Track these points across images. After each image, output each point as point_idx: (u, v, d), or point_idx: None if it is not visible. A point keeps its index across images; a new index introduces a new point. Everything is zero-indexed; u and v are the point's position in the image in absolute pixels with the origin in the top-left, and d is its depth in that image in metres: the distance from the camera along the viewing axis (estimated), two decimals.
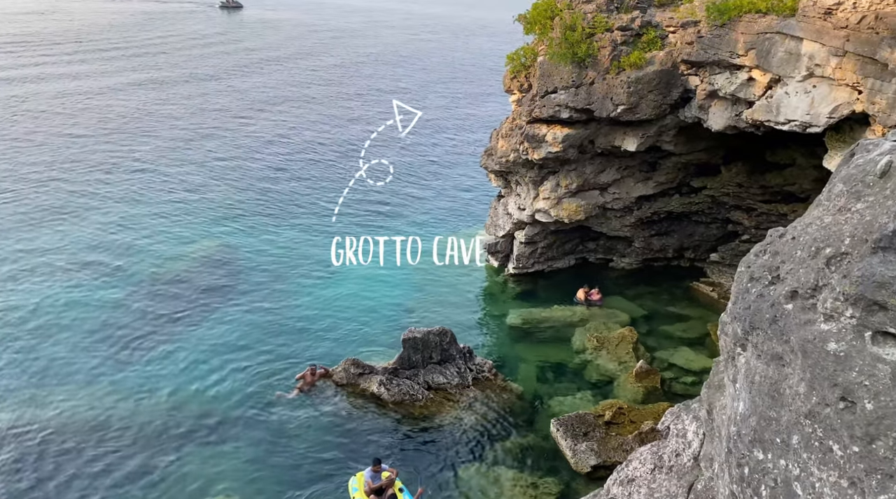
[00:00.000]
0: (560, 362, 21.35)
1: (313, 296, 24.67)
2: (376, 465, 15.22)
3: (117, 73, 58.36)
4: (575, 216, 24.75)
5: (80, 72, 57.72)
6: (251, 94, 53.82)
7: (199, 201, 32.39)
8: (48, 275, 24.70)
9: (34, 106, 46.45)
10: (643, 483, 6.56)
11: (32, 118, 43.76)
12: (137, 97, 50.70)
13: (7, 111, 44.87)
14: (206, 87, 55.62)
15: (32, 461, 16.02)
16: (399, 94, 55.84)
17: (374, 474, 15.15)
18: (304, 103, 52.37)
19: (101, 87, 53.19)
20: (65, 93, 50.53)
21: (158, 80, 56.28)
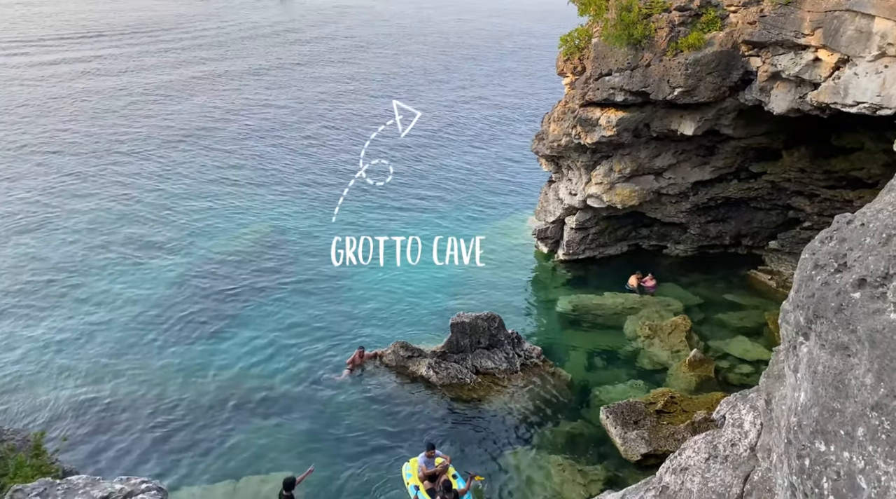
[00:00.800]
0: (611, 350, 21.09)
1: (363, 279, 24.99)
2: (430, 450, 15.28)
3: (170, 61, 59.96)
4: (628, 202, 24.29)
5: (140, 62, 59.50)
6: (302, 86, 54.51)
7: (253, 185, 33.11)
8: (108, 253, 25.70)
9: (94, 86, 48.19)
10: (697, 472, 6.44)
11: (93, 102, 45.41)
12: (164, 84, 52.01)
13: (70, 95, 46.67)
14: (257, 78, 56.58)
15: (94, 430, 16.80)
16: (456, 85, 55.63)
17: (429, 460, 15.21)
18: (381, 85, 52.76)
19: (155, 73, 54.76)
20: (124, 78, 52.23)
21: (203, 72, 57.57)
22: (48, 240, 26.71)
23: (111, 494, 4.97)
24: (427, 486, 14.93)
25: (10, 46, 61.80)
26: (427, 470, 15.09)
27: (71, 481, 5.16)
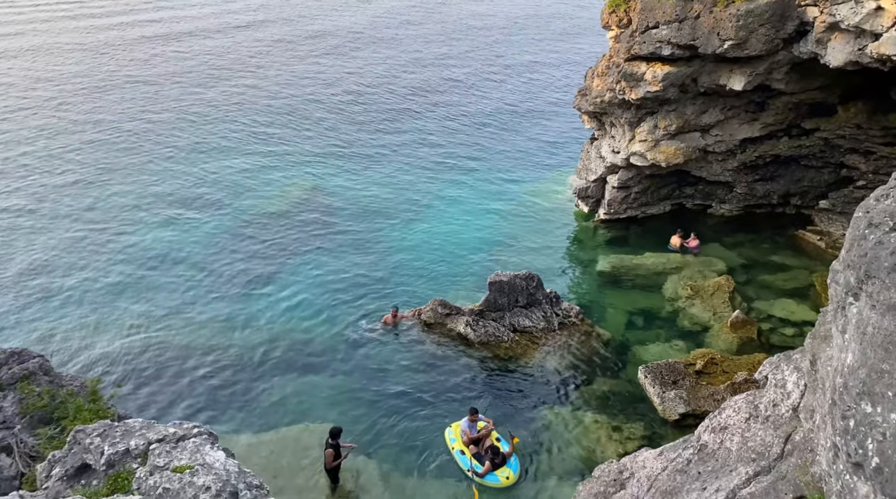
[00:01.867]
0: (650, 310, 20.92)
1: (403, 237, 25.16)
2: (473, 415, 15.37)
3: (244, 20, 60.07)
4: (673, 160, 23.71)
5: (200, 24, 59.77)
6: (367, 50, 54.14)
7: (296, 143, 33.35)
8: (157, 211, 26.37)
9: (156, 49, 48.76)
10: (736, 432, 6.42)
11: (155, 65, 45.99)
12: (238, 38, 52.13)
13: (128, 57, 47.33)
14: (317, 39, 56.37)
15: (144, 379, 17.54)
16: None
17: (471, 424, 15.31)
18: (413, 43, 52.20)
19: (219, 32, 55.00)
20: (183, 40, 52.65)
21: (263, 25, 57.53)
22: (99, 196, 27.49)
23: (165, 436, 5.22)
24: (472, 451, 15.02)
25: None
26: (471, 435, 15.17)
27: (128, 423, 5.43)
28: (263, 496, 4.89)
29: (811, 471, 5.43)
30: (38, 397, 11.95)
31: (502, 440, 15.47)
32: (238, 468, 5.07)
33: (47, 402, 11.90)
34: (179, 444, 5.22)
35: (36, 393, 12.04)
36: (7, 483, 10.74)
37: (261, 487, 4.99)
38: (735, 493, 5.99)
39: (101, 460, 5.10)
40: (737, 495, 5.93)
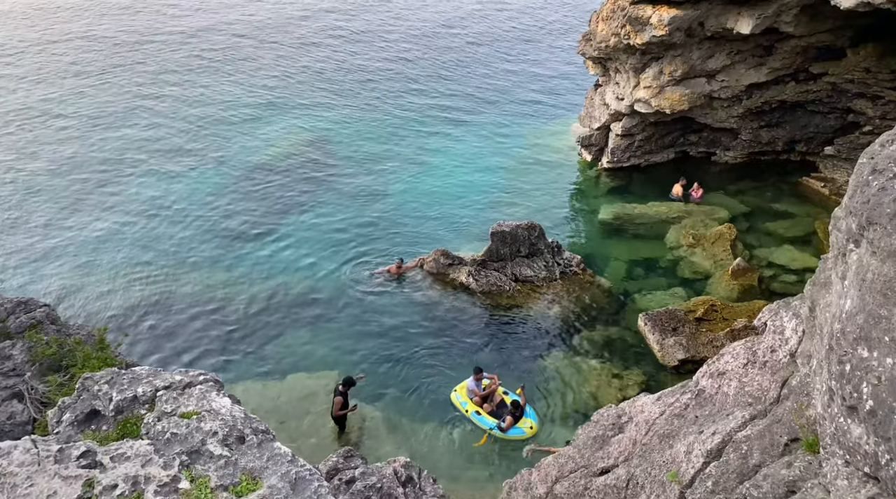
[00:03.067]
0: (652, 259, 20.97)
1: (405, 187, 25.04)
2: (478, 373, 15.34)
3: None
4: (678, 106, 23.36)
5: None
6: None
7: (296, 91, 32.86)
8: (157, 163, 26.20)
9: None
10: (734, 377, 6.52)
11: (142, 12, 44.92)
12: None
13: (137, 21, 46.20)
14: None
15: (150, 328, 17.76)
16: None
17: (477, 382, 15.36)
18: None
19: None
20: None
21: None
22: (100, 147, 27.26)
23: (172, 384, 5.31)
24: (487, 409, 15.09)
25: None
26: (479, 392, 15.22)
27: (135, 371, 5.52)
28: (269, 441, 5.00)
29: (806, 414, 5.54)
30: (46, 346, 12.13)
31: (510, 393, 15.59)
32: (244, 414, 5.18)
33: (55, 350, 12.08)
34: (186, 391, 5.32)
35: (44, 342, 12.22)
36: (20, 428, 11.01)
37: (266, 432, 5.11)
38: (731, 436, 6.12)
39: (109, 406, 5.21)
40: (732, 438, 6.07)
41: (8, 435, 10.83)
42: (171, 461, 4.57)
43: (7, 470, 4.28)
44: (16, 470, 4.29)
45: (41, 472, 4.34)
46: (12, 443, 4.56)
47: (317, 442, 14.47)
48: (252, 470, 4.66)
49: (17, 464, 4.33)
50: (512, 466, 13.73)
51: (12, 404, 11.44)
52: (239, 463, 4.70)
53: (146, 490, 4.37)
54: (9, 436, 10.71)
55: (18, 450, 4.46)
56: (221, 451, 4.73)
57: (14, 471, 4.29)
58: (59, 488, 4.27)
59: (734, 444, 6.01)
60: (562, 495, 7.67)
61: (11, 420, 11.17)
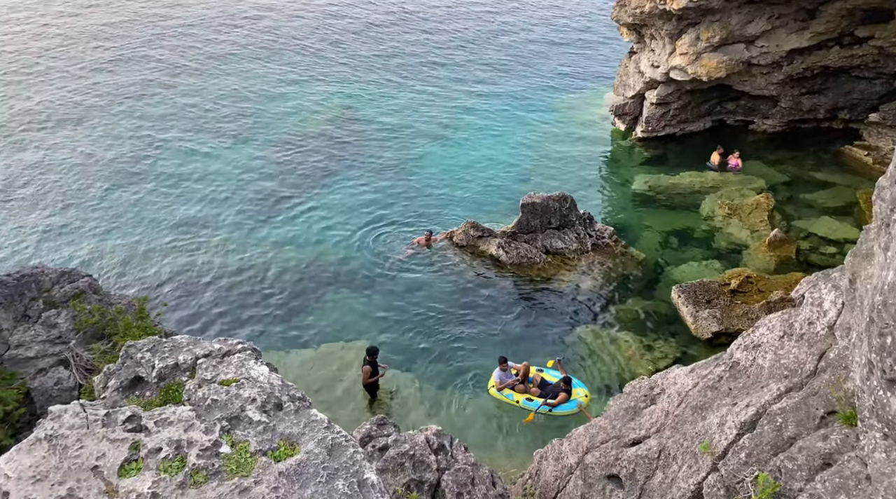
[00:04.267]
0: (686, 230, 20.66)
1: (435, 159, 24.98)
2: (503, 363, 14.97)
3: None
4: (715, 73, 22.74)
5: None
6: None
7: (324, 66, 32.80)
8: (190, 139, 26.52)
9: None
10: (769, 349, 6.44)
11: None
12: None
13: None
14: None
15: (188, 298, 18.15)
16: None
17: (505, 373, 14.98)
18: None
19: None
20: None
21: None
22: (134, 118, 27.69)
23: (211, 352, 5.46)
24: (535, 392, 14.79)
25: None
26: (508, 381, 14.90)
27: (175, 339, 5.68)
28: (306, 408, 5.12)
29: (844, 387, 5.46)
30: (89, 314, 12.53)
31: (543, 369, 15.47)
32: (281, 382, 5.30)
33: (98, 319, 12.48)
34: (225, 359, 5.46)
35: (87, 310, 12.62)
36: (67, 393, 11.46)
37: (303, 399, 5.23)
38: (765, 408, 6.07)
39: (152, 373, 5.38)
40: (767, 410, 6.02)
41: (56, 400, 11.28)
42: (212, 427, 4.72)
43: (59, 432, 4.47)
44: (66, 433, 4.48)
45: (90, 435, 4.52)
46: (63, 407, 4.75)
47: (349, 410, 14.75)
48: (290, 436, 4.79)
49: (68, 427, 4.52)
50: (542, 436, 13.84)
51: (59, 370, 11.89)
52: (277, 429, 4.83)
53: (189, 454, 4.53)
54: (57, 401, 11.16)
55: (68, 414, 4.65)
56: (260, 417, 4.87)
57: (65, 433, 4.48)
58: (108, 450, 4.44)
59: (769, 416, 5.96)
60: (592, 465, 7.72)
61: (59, 386, 11.62)
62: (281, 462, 4.55)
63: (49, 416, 4.69)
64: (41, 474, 4.27)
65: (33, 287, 12.95)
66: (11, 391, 11.14)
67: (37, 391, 11.42)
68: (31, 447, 4.44)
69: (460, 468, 8.26)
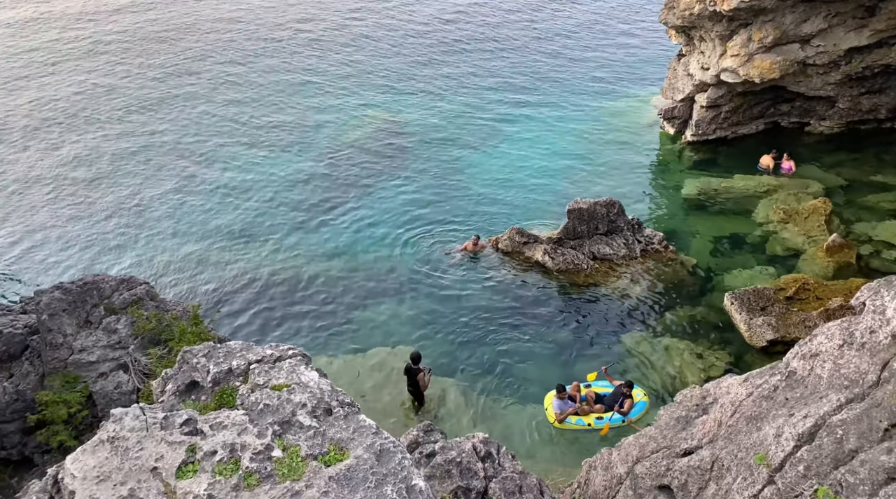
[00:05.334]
0: (739, 235, 20.14)
1: (479, 166, 25.00)
2: (560, 392, 14.30)
3: None
4: (768, 75, 22.14)
5: None
6: None
7: (370, 72, 33.25)
8: (239, 147, 27.21)
9: None
10: (828, 358, 6.22)
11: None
12: None
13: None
14: None
15: (240, 304, 18.59)
16: None
17: (562, 402, 14.31)
18: None
19: None
20: None
21: None
22: (187, 132, 28.59)
23: (263, 357, 5.59)
24: (600, 409, 14.31)
25: None
26: (569, 409, 14.27)
27: (229, 345, 5.84)
28: (355, 413, 5.19)
29: None
30: (146, 321, 12.98)
31: (591, 383, 15.02)
32: (330, 387, 5.39)
33: (155, 325, 12.91)
34: (276, 364, 5.58)
35: (144, 317, 13.07)
36: (126, 397, 11.87)
37: (352, 404, 5.30)
38: (824, 419, 5.86)
39: (207, 377, 5.54)
40: (826, 422, 5.81)
41: (116, 403, 11.70)
42: (264, 431, 4.83)
43: (120, 434, 4.65)
44: (127, 435, 4.66)
45: (149, 437, 4.68)
46: (124, 410, 4.94)
47: (395, 416, 14.85)
48: (339, 441, 4.86)
49: (129, 429, 4.70)
50: (589, 445, 13.66)
51: (119, 374, 12.33)
52: (327, 434, 4.91)
53: (243, 457, 4.65)
54: (116, 404, 11.58)
55: (129, 416, 4.83)
56: (310, 422, 4.96)
57: (126, 435, 4.65)
58: (166, 452, 4.60)
59: (828, 428, 5.75)
60: (643, 475, 7.58)
61: (118, 389, 12.04)
62: (331, 467, 4.63)
63: (111, 418, 4.88)
64: (104, 474, 4.45)
65: (95, 294, 13.48)
66: (75, 394, 11.61)
67: (98, 394, 11.87)
68: (94, 448, 4.62)
69: (508, 476, 8.22)
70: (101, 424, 4.92)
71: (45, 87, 33.09)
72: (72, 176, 25.41)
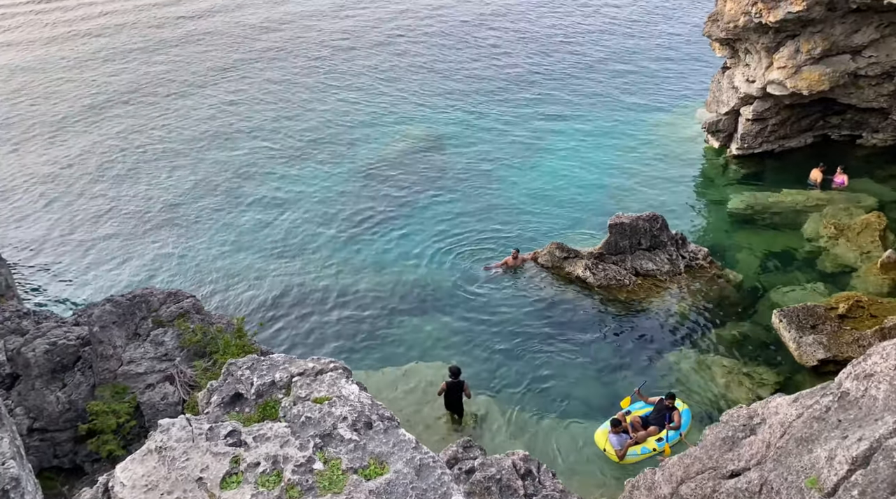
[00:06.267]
0: (787, 251, 19.60)
1: (519, 180, 24.95)
2: (616, 427, 13.69)
3: None
4: (817, 87, 21.61)
5: None
6: None
7: (408, 90, 33.61)
8: (281, 164, 27.75)
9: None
10: (884, 379, 5.99)
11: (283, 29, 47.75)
12: None
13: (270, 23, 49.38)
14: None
15: (280, 318, 18.87)
16: None
17: (619, 436, 13.73)
18: None
19: None
20: None
21: None
22: (233, 152, 29.32)
23: (305, 370, 5.66)
24: (653, 431, 13.90)
25: None
26: (628, 441, 13.69)
27: (272, 358, 5.94)
28: (394, 427, 5.21)
29: None
30: (192, 333, 13.29)
31: (632, 406, 14.52)
32: (371, 401, 5.43)
33: (200, 337, 13.21)
34: (318, 377, 5.65)
35: (190, 329, 13.39)
36: (172, 408, 12.15)
37: (392, 418, 5.32)
38: (880, 442, 5.63)
39: (251, 390, 5.63)
40: (882, 445, 5.58)
41: (162, 414, 11.98)
42: (306, 443, 4.88)
43: (167, 444, 4.76)
44: (174, 445, 4.77)
45: (195, 448, 4.78)
46: (171, 420, 5.06)
47: (433, 431, 14.79)
48: (379, 455, 4.88)
49: (176, 439, 4.81)
50: (634, 464, 13.38)
51: (165, 385, 12.64)
52: (367, 447, 4.94)
53: (285, 469, 4.71)
54: (163, 414, 11.85)
55: (176, 427, 4.95)
56: (351, 435, 4.99)
57: (173, 446, 4.76)
58: (211, 463, 4.69)
59: (884, 451, 5.52)
60: (688, 497, 7.38)
61: (165, 400, 12.33)
62: (371, 481, 4.65)
63: (159, 428, 5.01)
64: (152, 483, 4.56)
65: (143, 307, 13.89)
66: (124, 405, 11.93)
67: (145, 405, 12.18)
68: (143, 458, 4.74)
69: (548, 495, 8.12)
70: (150, 433, 5.05)
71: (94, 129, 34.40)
72: (118, 192, 26.30)
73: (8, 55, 43.77)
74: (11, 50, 44.86)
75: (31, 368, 12.22)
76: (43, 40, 46.22)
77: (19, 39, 47.15)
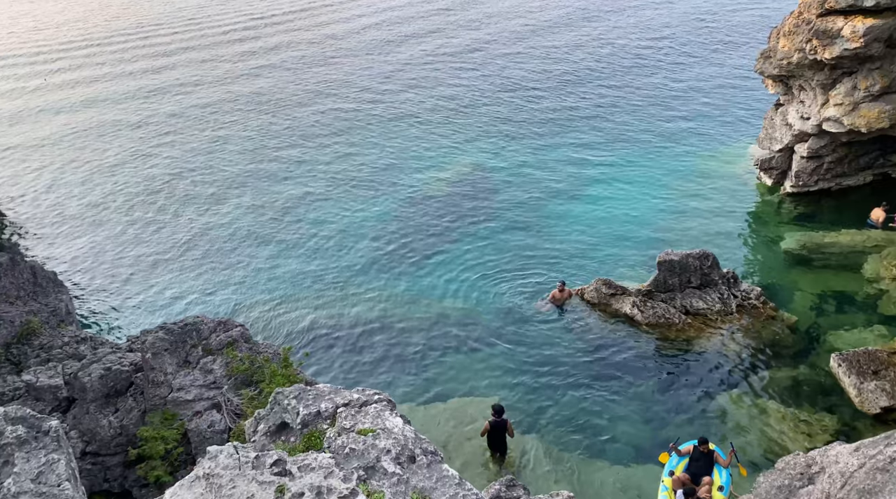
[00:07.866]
0: (846, 293, 18.87)
1: (566, 215, 24.84)
2: (690, 497, 12.65)
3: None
4: (876, 124, 21.02)
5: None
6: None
7: (454, 123, 34.05)
8: (331, 195, 28.31)
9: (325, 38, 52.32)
10: None
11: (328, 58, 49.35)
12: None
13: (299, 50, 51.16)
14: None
15: (325, 349, 18.99)
16: None
17: (687, 490, 12.85)
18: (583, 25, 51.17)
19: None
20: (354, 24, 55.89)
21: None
22: (284, 187, 30.11)
23: (350, 401, 5.69)
24: (708, 481, 13.21)
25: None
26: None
27: (318, 388, 6.00)
28: (438, 462, 5.17)
29: None
30: (240, 362, 13.50)
31: (675, 465, 13.75)
32: (414, 434, 5.40)
33: (248, 366, 13.41)
34: (363, 409, 5.67)
35: (238, 358, 13.61)
36: (218, 436, 12.30)
37: (435, 453, 5.28)
38: None
39: (297, 419, 5.68)
40: None
41: (209, 441, 12.14)
42: (349, 475, 4.88)
43: (215, 471, 4.83)
44: (221, 472, 4.83)
45: (241, 476, 4.83)
46: (218, 448, 5.14)
47: (476, 467, 14.57)
48: (422, 490, 4.84)
49: (223, 467, 4.87)
50: None
51: (213, 413, 12.83)
52: (410, 482, 4.90)
53: None
54: (209, 442, 12.01)
55: (223, 454, 5.02)
56: (394, 468, 4.97)
57: (220, 473, 4.82)
58: (256, 491, 4.73)
59: None
60: None
61: (212, 428, 12.50)
62: None
63: (207, 455, 5.08)
64: None
65: (194, 335, 14.20)
66: (172, 431, 12.14)
67: (193, 432, 12.37)
68: (191, 484, 4.82)
69: None
70: (197, 460, 5.13)
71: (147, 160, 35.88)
72: (169, 220, 27.21)
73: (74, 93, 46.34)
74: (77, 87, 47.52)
75: (86, 392, 12.59)
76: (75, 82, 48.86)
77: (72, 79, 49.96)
